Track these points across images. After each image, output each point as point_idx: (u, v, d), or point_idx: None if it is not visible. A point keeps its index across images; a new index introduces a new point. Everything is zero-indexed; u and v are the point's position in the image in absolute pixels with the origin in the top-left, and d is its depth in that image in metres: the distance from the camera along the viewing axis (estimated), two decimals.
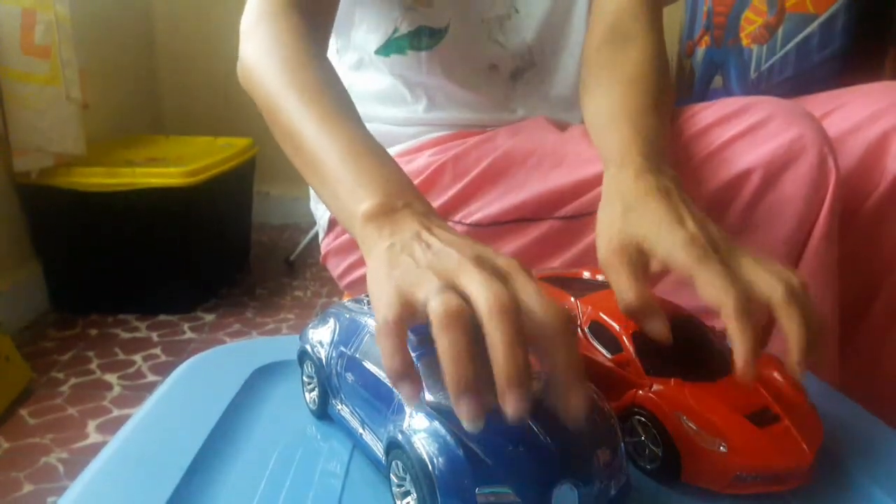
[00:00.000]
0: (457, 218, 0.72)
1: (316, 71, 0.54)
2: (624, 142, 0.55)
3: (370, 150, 0.48)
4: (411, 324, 0.34)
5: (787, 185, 0.57)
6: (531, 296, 0.33)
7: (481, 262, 0.34)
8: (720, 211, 0.59)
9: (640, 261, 0.45)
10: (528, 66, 0.78)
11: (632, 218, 0.46)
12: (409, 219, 0.41)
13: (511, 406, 0.30)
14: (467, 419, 0.30)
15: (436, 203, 0.73)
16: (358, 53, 0.80)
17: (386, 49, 0.76)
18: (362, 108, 0.79)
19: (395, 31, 0.75)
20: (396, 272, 0.36)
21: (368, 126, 0.76)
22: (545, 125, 0.74)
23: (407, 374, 0.33)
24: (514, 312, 0.31)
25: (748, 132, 0.58)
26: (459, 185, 0.71)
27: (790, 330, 0.39)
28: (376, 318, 0.35)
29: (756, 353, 0.38)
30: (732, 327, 0.38)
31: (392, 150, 0.80)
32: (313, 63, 0.55)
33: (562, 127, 0.74)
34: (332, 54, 0.83)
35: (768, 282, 0.40)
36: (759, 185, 0.57)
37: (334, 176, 0.46)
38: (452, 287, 0.33)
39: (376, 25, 0.76)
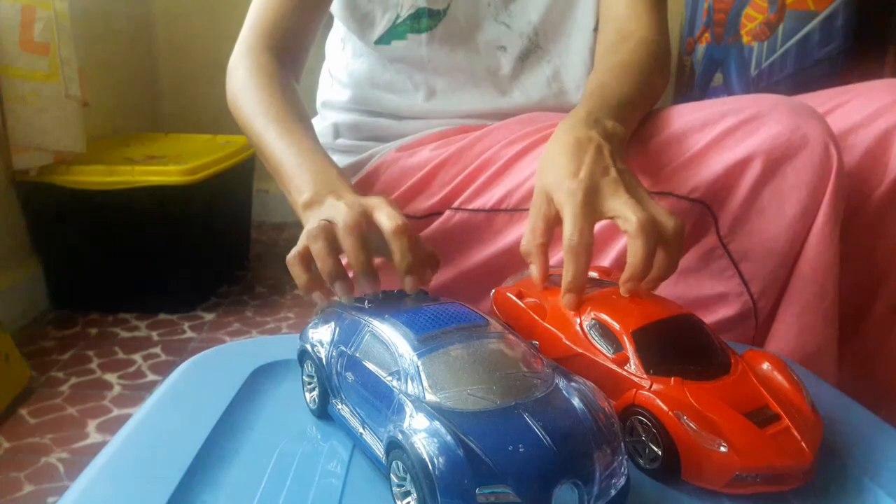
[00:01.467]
0: (456, 204, 0.72)
1: (279, 99, 0.69)
2: (579, 101, 0.62)
3: (315, 157, 0.62)
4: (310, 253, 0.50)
5: (790, 172, 0.57)
6: (381, 212, 0.50)
7: (353, 205, 0.51)
8: (722, 196, 0.59)
9: (550, 207, 0.51)
10: (533, 48, 0.79)
11: (545, 172, 0.53)
12: (330, 200, 0.55)
13: (365, 285, 0.48)
14: (342, 295, 0.48)
15: (437, 196, 0.74)
16: (359, 44, 0.81)
17: (387, 37, 0.78)
18: (365, 95, 0.81)
19: (397, 17, 0.76)
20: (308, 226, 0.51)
21: (373, 122, 0.82)
22: (548, 117, 0.74)
23: (334, 277, 0.49)
24: (360, 227, 0.49)
25: (749, 121, 0.58)
26: (461, 176, 0.72)
27: (629, 255, 0.46)
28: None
29: (578, 286, 0.46)
30: (565, 258, 0.46)
31: (394, 145, 0.80)
32: (277, 93, 0.70)
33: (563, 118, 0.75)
34: (336, 45, 0.86)
35: (626, 217, 0.47)
36: (762, 172, 0.57)
37: (288, 177, 0.61)
38: (328, 221, 0.50)
39: (378, 17, 0.77)
